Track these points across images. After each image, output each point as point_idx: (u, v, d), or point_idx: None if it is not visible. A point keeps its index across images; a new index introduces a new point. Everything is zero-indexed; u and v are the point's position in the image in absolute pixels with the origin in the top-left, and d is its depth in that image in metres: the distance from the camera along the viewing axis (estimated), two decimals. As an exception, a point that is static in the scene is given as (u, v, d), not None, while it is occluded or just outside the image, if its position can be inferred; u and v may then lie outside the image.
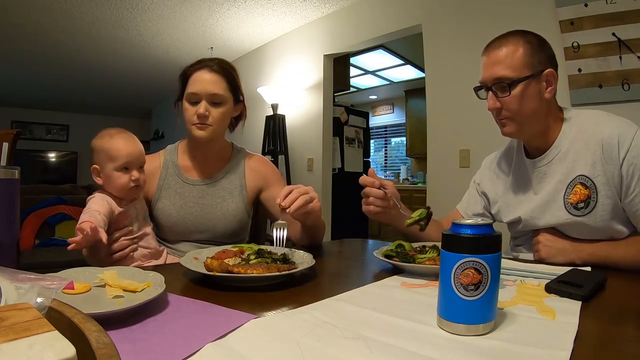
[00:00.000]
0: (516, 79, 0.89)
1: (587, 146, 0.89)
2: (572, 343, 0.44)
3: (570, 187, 0.90)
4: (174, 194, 1.12)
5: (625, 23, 1.75)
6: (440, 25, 2.52)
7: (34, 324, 0.28)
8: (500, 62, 0.90)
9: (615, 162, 0.85)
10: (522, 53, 0.89)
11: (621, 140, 0.84)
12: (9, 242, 0.62)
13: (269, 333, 0.47)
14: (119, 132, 0.95)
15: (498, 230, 0.49)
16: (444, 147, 2.49)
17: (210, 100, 1.05)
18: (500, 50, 0.90)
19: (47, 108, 7.31)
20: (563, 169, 0.92)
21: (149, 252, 0.98)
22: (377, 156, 6.76)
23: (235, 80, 1.10)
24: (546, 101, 0.91)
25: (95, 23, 3.46)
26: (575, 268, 0.75)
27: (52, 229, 3.06)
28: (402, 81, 5.58)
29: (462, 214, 1.16)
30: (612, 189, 0.86)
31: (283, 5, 3.17)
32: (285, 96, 3.64)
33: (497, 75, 0.90)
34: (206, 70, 1.06)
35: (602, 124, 0.89)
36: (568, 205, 0.90)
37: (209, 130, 1.06)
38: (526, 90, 0.89)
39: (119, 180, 0.91)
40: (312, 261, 0.77)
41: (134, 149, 0.94)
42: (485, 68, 0.93)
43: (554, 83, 0.91)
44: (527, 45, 0.89)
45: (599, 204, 0.87)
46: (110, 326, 0.46)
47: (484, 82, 0.94)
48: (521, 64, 0.88)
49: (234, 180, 1.16)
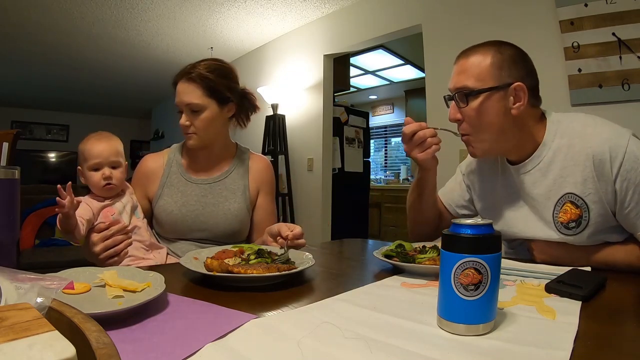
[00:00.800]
0: (476, 90, 0.84)
1: (576, 162, 0.83)
2: (572, 343, 0.44)
3: (559, 205, 0.86)
4: (176, 191, 1.13)
5: (625, 23, 1.75)
6: (440, 25, 2.52)
7: (34, 324, 0.28)
8: (465, 71, 0.86)
9: (608, 178, 0.80)
10: (489, 64, 0.83)
11: (613, 155, 0.79)
12: (9, 242, 0.62)
13: (269, 333, 0.47)
14: (96, 134, 1.03)
15: (498, 230, 0.49)
16: (444, 147, 2.46)
17: (190, 109, 1.08)
18: (468, 59, 0.86)
19: (47, 108, 7.31)
20: (549, 181, 0.87)
21: (144, 246, 1.00)
22: (377, 156, 6.75)
23: (213, 84, 1.08)
24: (513, 117, 0.85)
25: (95, 23, 3.46)
26: (575, 268, 0.75)
27: (52, 229, 3.06)
28: (402, 81, 5.57)
29: (444, 202, 1.12)
30: (605, 205, 0.82)
31: (283, 5, 3.17)
32: (285, 96, 3.64)
33: (459, 84, 0.86)
34: (184, 80, 1.09)
35: (590, 137, 0.82)
36: (558, 225, 0.86)
37: (195, 138, 1.10)
38: (486, 103, 0.84)
39: (92, 178, 0.99)
40: (312, 261, 0.77)
41: (103, 149, 0.99)
42: (452, 76, 0.89)
43: (524, 98, 0.84)
44: (497, 56, 0.84)
45: (591, 223, 0.83)
46: (110, 326, 0.46)
47: (449, 90, 0.90)
48: (486, 74, 0.83)
49: (238, 180, 1.17)
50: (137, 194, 1.11)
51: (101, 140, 1.00)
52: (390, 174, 6.47)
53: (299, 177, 3.64)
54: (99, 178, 0.98)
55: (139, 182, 1.15)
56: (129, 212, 1.02)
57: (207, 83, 1.07)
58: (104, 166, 0.99)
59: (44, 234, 3.03)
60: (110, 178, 0.99)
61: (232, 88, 1.14)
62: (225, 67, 1.14)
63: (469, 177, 1.09)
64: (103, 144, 1.00)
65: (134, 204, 1.05)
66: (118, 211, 0.99)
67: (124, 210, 1.01)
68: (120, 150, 1.03)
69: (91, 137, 1.01)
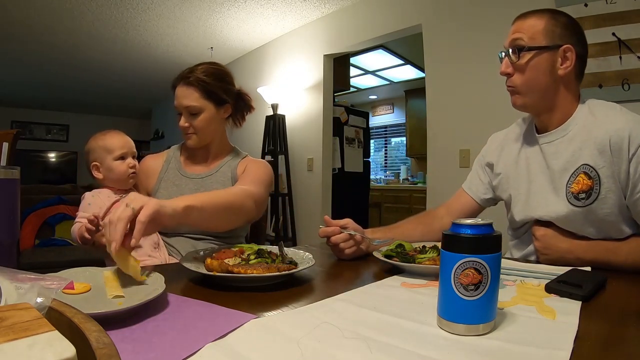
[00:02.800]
0: (528, 46, 0.88)
1: (594, 135, 0.86)
2: (572, 343, 0.44)
3: (574, 175, 0.88)
4: (171, 185, 1.18)
5: (625, 23, 1.75)
6: (440, 25, 2.52)
7: (34, 324, 0.28)
8: (520, 31, 0.90)
9: (624, 157, 0.82)
10: (544, 24, 0.88)
11: (633, 136, 0.81)
12: (9, 242, 0.62)
13: (269, 333, 0.47)
14: (109, 130, 1.11)
15: (498, 230, 0.49)
16: (444, 147, 2.49)
17: (188, 111, 1.13)
18: (525, 21, 0.91)
19: (47, 108, 7.31)
20: (569, 154, 0.89)
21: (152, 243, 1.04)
22: (377, 156, 6.75)
23: (210, 87, 1.13)
24: (559, 77, 0.89)
25: (95, 23, 3.46)
26: (575, 268, 0.75)
27: (52, 229, 3.06)
28: (402, 81, 5.57)
29: (467, 191, 1.15)
30: (617, 183, 0.83)
31: (283, 5, 3.17)
32: (285, 96, 3.64)
33: (515, 37, 0.91)
34: (182, 84, 1.13)
35: (614, 116, 0.86)
36: (569, 195, 0.88)
37: (194, 139, 1.16)
38: (536, 59, 0.89)
39: (119, 168, 1.06)
40: (312, 261, 0.77)
41: (127, 141, 1.11)
42: (508, 35, 0.93)
43: (572, 60, 0.88)
44: (552, 20, 0.89)
45: (601, 197, 0.85)
46: (110, 326, 0.46)
47: (504, 47, 0.94)
48: (539, 34, 0.88)
49: (227, 173, 1.20)
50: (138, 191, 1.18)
51: (120, 134, 1.10)
52: (390, 174, 6.46)
53: (299, 177, 3.64)
54: (126, 167, 1.06)
55: (140, 179, 1.21)
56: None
57: (204, 86, 1.12)
58: (129, 156, 1.08)
59: (44, 234, 3.02)
60: (135, 167, 1.08)
61: (228, 90, 1.19)
62: (221, 70, 1.19)
63: (486, 157, 1.12)
64: (124, 137, 1.10)
65: None
66: None
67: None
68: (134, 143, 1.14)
69: (108, 133, 1.09)
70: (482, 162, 1.14)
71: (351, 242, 0.91)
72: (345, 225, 0.92)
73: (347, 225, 0.93)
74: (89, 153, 1.08)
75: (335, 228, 0.91)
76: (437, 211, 1.17)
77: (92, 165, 1.07)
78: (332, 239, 0.91)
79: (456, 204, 1.15)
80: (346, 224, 0.93)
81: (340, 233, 0.91)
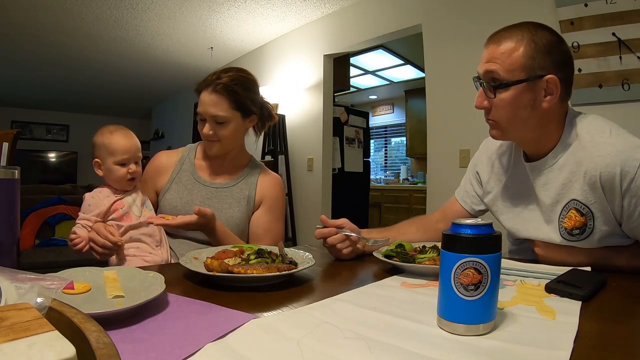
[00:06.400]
0: (505, 82, 0.80)
1: (584, 168, 0.79)
2: (572, 343, 0.44)
3: (565, 209, 0.84)
4: (183, 188, 1.15)
5: (625, 23, 1.75)
6: (440, 25, 2.52)
7: (34, 324, 0.28)
8: (495, 59, 0.81)
9: (617, 193, 0.76)
10: (522, 53, 0.78)
11: (624, 171, 0.74)
12: (9, 242, 0.62)
13: (269, 333, 0.47)
14: (117, 128, 1.06)
15: (498, 230, 0.49)
16: (444, 147, 2.49)
17: (215, 120, 1.09)
18: (499, 46, 0.80)
19: (47, 108, 7.31)
20: (559, 185, 0.84)
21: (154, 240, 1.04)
22: (377, 156, 6.75)
23: (239, 97, 1.10)
24: (542, 111, 0.81)
25: (95, 23, 3.46)
26: (575, 268, 0.75)
27: (52, 229, 3.06)
28: (402, 81, 5.57)
29: (460, 202, 1.11)
30: (611, 215, 0.79)
31: (283, 5, 3.17)
32: (285, 96, 3.64)
33: (489, 69, 0.81)
34: (209, 90, 1.08)
35: (604, 147, 0.77)
36: (562, 230, 0.84)
37: (217, 147, 1.13)
38: (515, 95, 0.80)
39: (118, 173, 1.02)
40: (312, 261, 0.77)
41: (131, 146, 1.05)
42: (482, 60, 0.84)
43: (556, 92, 0.79)
44: (530, 44, 0.78)
45: (596, 231, 0.81)
46: (110, 326, 0.46)
47: (478, 73, 0.86)
48: (517, 65, 0.78)
49: (244, 190, 1.17)
50: (147, 187, 1.16)
51: (128, 137, 1.05)
52: (390, 174, 6.46)
53: (299, 177, 3.64)
54: (124, 173, 1.02)
55: (151, 175, 1.19)
56: (139, 205, 1.06)
57: (233, 96, 1.08)
58: (131, 162, 1.04)
59: (44, 234, 3.03)
60: (135, 173, 1.04)
61: (255, 100, 1.16)
62: (249, 78, 1.16)
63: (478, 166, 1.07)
64: (130, 140, 1.05)
65: (143, 197, 1.09)
66: (128, 204, 1.03)
67: (134, 203, 1.05)
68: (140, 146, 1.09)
69: (116, 132, 1.04)
70: (474, 170, 1.09)
71: (347, 242, 0.91)
72: (342, 226, 0.92)
73: (343, 225, 0.93)
74: (94, 148, 1.05)
75: (332, 229, 0.91)
76: (432, 216, 1.16)
77: (95, 161, 1.06)
78: (328, 240, 0.91)
79: (450, 211, 1.13)
80: (342, 224, 0.93)
81: (337, 234, 0.91)
